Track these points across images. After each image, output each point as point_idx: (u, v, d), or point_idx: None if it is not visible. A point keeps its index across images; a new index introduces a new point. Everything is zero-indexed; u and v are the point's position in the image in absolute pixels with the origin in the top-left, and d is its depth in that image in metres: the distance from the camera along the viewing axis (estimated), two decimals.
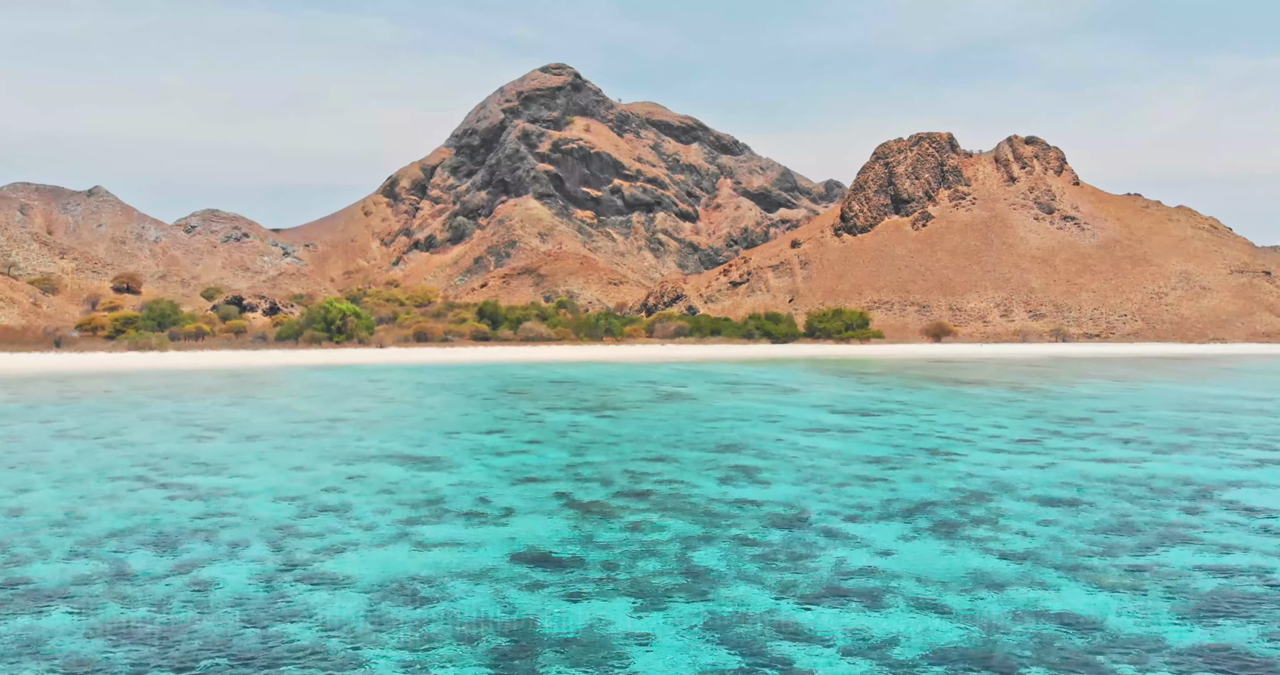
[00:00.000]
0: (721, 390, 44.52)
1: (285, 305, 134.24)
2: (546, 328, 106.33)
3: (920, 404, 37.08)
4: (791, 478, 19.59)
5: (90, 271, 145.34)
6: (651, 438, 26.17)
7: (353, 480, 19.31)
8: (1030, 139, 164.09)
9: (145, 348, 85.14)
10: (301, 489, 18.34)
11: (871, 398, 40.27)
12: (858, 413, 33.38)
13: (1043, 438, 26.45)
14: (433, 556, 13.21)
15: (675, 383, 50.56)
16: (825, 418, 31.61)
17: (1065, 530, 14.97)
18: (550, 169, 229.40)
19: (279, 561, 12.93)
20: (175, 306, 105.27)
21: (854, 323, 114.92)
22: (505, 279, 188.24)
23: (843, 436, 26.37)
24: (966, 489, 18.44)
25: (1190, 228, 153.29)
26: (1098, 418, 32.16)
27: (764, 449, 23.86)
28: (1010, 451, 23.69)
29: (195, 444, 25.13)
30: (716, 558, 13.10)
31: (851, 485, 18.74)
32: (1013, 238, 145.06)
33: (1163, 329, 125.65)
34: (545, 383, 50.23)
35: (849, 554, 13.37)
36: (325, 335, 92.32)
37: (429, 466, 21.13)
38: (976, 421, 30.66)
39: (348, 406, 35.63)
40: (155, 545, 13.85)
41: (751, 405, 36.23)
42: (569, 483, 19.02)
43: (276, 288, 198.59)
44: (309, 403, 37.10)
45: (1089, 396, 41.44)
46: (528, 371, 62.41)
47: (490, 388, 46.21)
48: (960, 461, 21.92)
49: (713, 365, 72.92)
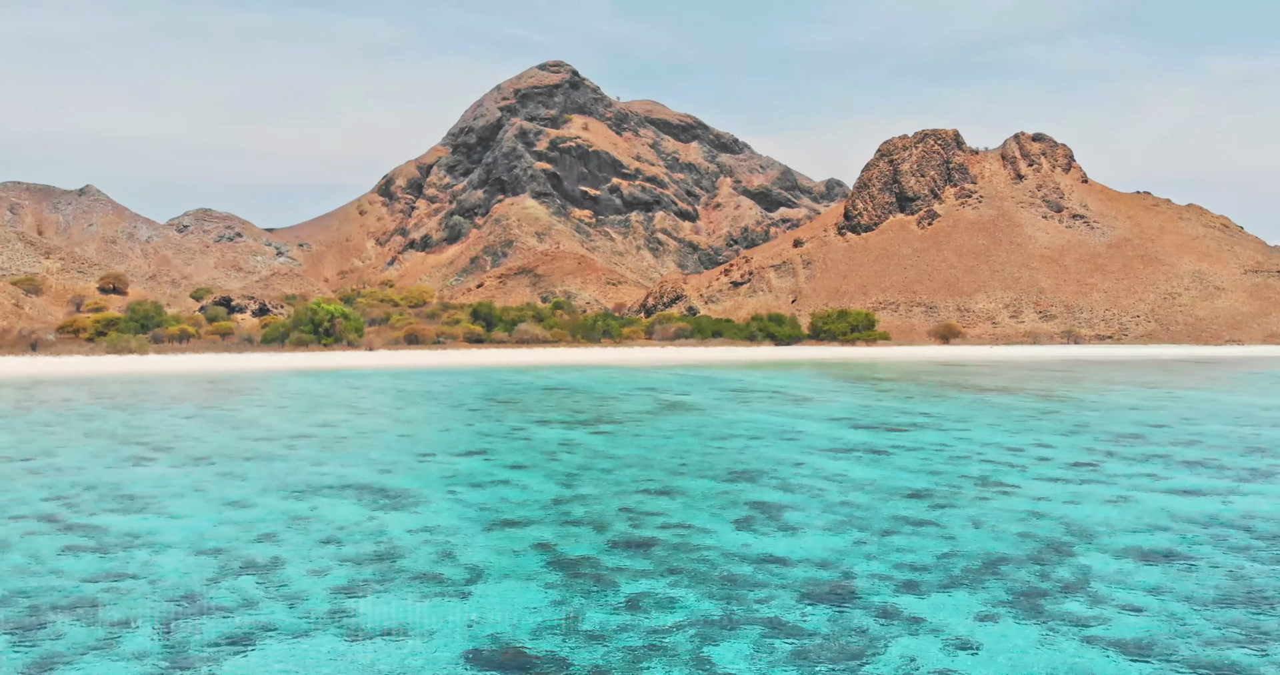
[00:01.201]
0: (728, 399, 41.28)
1: (275, 306, 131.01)
2: (542, 329, 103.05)
3: (948, 417, 33.82)
4: (823, 520, 16.32)
5: (76, 272, 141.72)
6: (653, 461, 22.93)
7: (294, 524, 16.05)
8: (1038, 136, 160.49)
9: (124, 351, 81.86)
10: (229, 537, 15.09)
11: (892, 409, 37.02)
12: (883, 428, 30.11)
13: (1099, 461, 23.19)
14: (364, 654, 9.95)
15: (677, 390, 47.32)
16: (848, 434, 28.35)
17: (1180, 602, 11.73)
18: (548, 167, 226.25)
19: (160, 663, 9.68)
20: (159, 308, 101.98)
21: (860, 324, 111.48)
22: (501, 279, 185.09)
23: (873, 460, 23.10)
24: (1037, 536, 15.19)
25: (1201, 226, 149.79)
26: (1150, 434, 28.90)
27: (784, 477, 20.60)
28: (1069, 480, 20.44)
29: (130, 469, 21.90)
30: (743, 657, 9.83)
31: (898, 532, 15.48)
32: (1021, 236, 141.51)
33: (1177, 331, 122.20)
34: (537, 390, 46.98)
35: (917, 646, 10.13)
36: (312, 337, 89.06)
37: (390, 503, 17.85)
38: (1017, 439, 27.40)
39: (317, 419, 32.38)
40: (9, 630, 10.60)
41: (763, 418, 32.98)
42: (554, 527, 15.76)
43: (269, 288, 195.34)
44: (277, 415, 33.84)
45: (1129, 407, 38.17)
46: (520, 377, 59.18)
47: (478, 396, 42.96)
48: (1017, 495, 18.66)
49: (716, 369, 69.66)
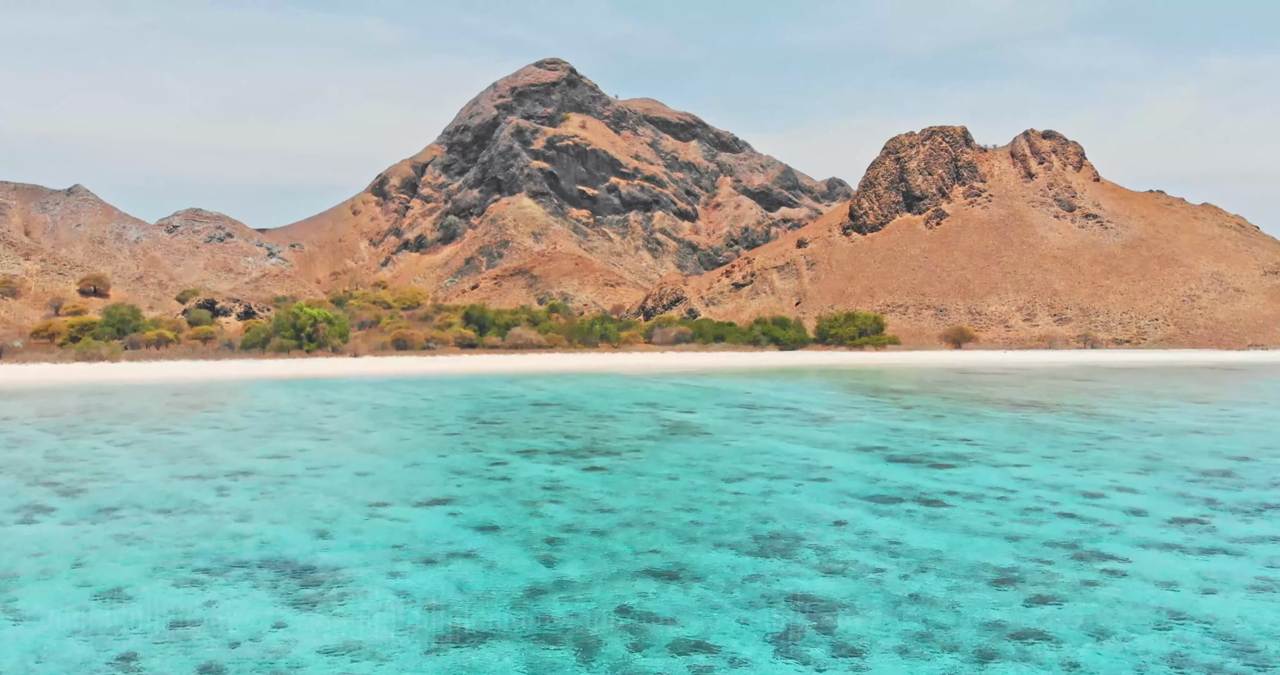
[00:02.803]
0: (737, 419, 36.96)
1: (261, 309, 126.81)
2: (537, 334, 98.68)
3: (994, 444, 29.48)
4: (893, 631, 11.94)
5: (56, 273, 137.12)
6: (657, 516, 18.59)
7: (170, 637, 11.67)
8: (1048, 133, 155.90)
9: (94, 358, 77.54)
10: (71, 662, 10.74)
11: (926, 433, 32.68)
12: (924, 463, 25.77)
13: (1206, 516, 18.84)
14: None
15: (680, 406, 43.02)
16: (887, 472, 24.01)
17: None
18: (545, 166, 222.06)
19: None
20: (137, 311, 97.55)
21: (868, 328, 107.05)
22: (497, 280, 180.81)
23: (929, 518, 18.70)
24: (1196, 663, 10.86)
25: (1218, 226, 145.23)
26: (1239, 470, 24.57)
27: (825, 546, 16.25)
28: (1184, 548, 16.10)
29: (10, 528, 17.61)
30: None
31: (998, 654, 11.10)
32: (1033, 237, 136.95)
33: (1197, 334, 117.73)
34: (527, 406, 42.67)
35: None
36: (294, 343, 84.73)
37: (309, 597, 13.46)
38: (1088, 479, 23.06)
39: (270, 448, 28.04)
40: None
41: (782, 447, 28.64)
42: (522, 647, 11.40)
43: (259, 289, 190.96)
44: (226, 442, 29.50)
45: (1191, 431, 33.81)
46: (510, 388, 54.88)
47: (460, 415, 38.62)
48: (1130, 577, 14.31)
49: (720, 378, 65.33)
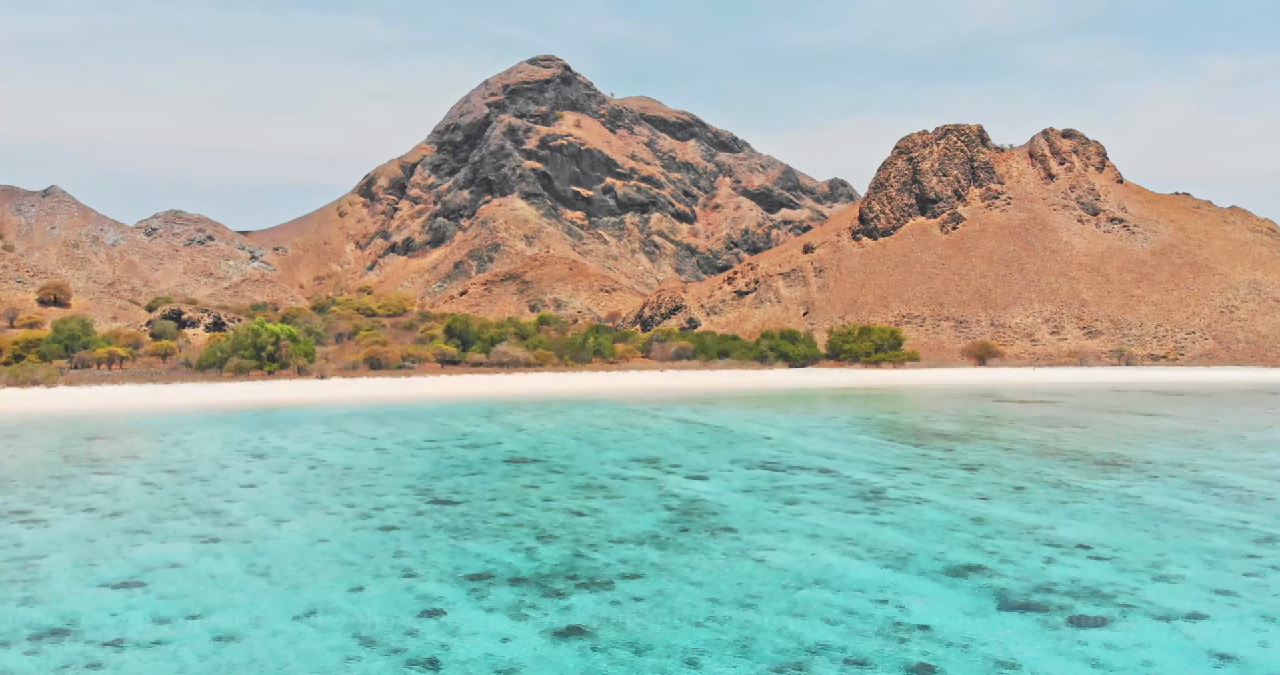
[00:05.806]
0: (764, 493, 28.93)
1: (231, 320, 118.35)
2: (524, 350, 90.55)
3: (1130, 560, 21.34)
4: None
5: (15, 281, 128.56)
6: None
7: None
8: (1067, 132, 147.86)
9: (27, 383, 69.30)
10: None
11: (1022, 529, 24.59)
12: (1054, 610, 17.60)
13: None
14: None
15: (689, 463, 35.03)
16: (1009, 637, 15.86)
17: None
18: (538, 167, 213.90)
19: None
20: (87, 326, 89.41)
21: (885, 343, 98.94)
22: (487, 285, 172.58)
23: None
24: None
25: (1249, 231, 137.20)
26: None
27: None
28: None
29: None
30: None
31: None
32: (1056, 242, 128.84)
33: (1238, 349, 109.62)
34: (499, 464, 34.63)
35: None
36: (254, 364, 76.58)
37: None
38: None
39: (128, 564, 19.82)
40: None
41: (840, 569, 20.49)
42: None
43: (238, 295, 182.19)
44: (82, 546, 21.28)
45: None
46: (486, 427, 46.89)
47: (412, 480, 30.49)
48: None
49: (729, 407, 57.34)
